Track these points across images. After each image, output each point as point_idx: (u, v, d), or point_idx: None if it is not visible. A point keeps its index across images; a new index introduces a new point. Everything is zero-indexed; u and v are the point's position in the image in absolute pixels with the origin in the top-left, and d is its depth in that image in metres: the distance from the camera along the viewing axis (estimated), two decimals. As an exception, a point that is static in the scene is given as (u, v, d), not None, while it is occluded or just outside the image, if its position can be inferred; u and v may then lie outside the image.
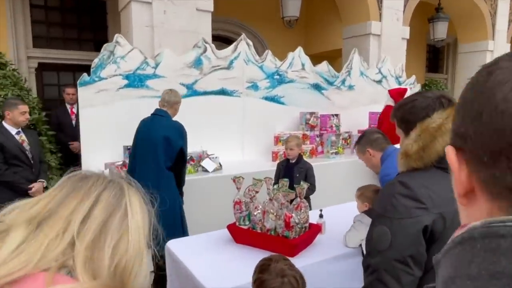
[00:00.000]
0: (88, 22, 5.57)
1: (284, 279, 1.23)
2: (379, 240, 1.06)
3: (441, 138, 1.06)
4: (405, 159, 1.12)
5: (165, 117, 2.89)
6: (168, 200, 2.72)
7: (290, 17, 5.29)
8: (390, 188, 1.11)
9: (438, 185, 1.04)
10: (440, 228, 1.01)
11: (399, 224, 1.03)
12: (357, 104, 5.47)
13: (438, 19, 6.82)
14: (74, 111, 4.51)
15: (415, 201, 1.03)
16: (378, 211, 1.13)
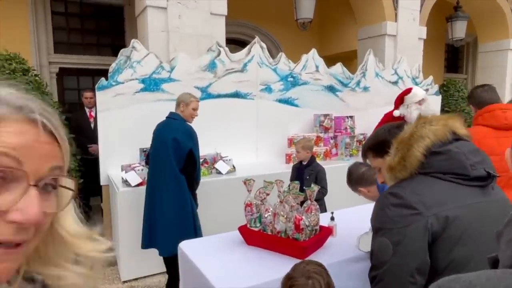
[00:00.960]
0: (106, 28, 5.73)
1: (308, 281, 1.27)
2: (380, 251, 1.09)
3: (416, 145, 1.10)
4: (390, 172, 1.17)
5: (177, 120, 2.93)
6: (180, 202, 2.78)
7: (304, 19, 5.29)
8: (383, 201, 1.14)
9: (427, 189, 1.07)
10: (438, 228, 1.03)
11: (398, 234, 1.05)
12: (372, 105, 5.41)
13: (457, 18, 6.67)
14: (92, 115, 4.64)
15: (408, 209, 1.05)
16: (376, 224, 1.16)
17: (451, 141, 1.11)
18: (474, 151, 1.10)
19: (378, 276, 1.09)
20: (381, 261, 1.08)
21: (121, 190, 3.07)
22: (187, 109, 2.96)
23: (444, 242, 1.03)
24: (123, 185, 3.18)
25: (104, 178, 3.77)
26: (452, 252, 1.03)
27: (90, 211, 4.30)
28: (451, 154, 1.08)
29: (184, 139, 2.78)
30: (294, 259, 1.91)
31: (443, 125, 1.11)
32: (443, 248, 1.03)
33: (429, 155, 1.09)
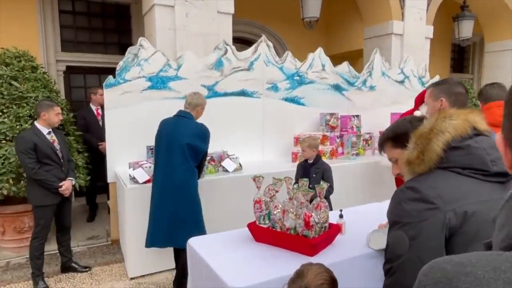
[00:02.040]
0: (113, 26, 5.75)
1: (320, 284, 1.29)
2: (396, 245, 1.09)
3: (435, 139, 1.09)
4: (409, 166, 1.16)
5: (189, 119, 2.94)
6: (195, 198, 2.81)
7: (310, 18, 5.28)
8: (400, 195, 1.13)
9: (445, 184, 1.06)
10: (455, 223, 1.02)
11: (415, 228, 1.05)
12: (378, 104, 5.39)
13: (464, 18, 6.64)
14: (99, 112, 4.66)
15: (425, 203, 1.04)
16: (392, 218, 1.15)
17: (471, 136, 1.09)
18: (494, 147, 1.08)
19: (393, 268, 1.09)
20: (396, 254, 1.08)
21: (129, 187, 3.08)
22: (201, 112, 3.06)
23: (461, 238, 1.02)
24: (130, 182, 3.19)
25: (111, 176, 3.78)
26: (469, 248, 1.02)
27: (96, 209, 4.36)
28: (471, 149, 1.07)
29: (199, 144, 2.86)
30: (303, 256, 1.92)
31: (463, 120, 1.10)
32: (459, 244, 1.02)
33: (448, 150, 1.08)
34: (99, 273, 3.26)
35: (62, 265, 3.27)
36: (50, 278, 3.17)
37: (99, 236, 4.12)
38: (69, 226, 3.23)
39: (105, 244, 3.94)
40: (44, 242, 3.00)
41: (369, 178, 4.45)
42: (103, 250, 3.80)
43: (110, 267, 3.38)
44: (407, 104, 5.62)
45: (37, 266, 2.97)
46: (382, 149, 1.35)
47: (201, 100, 3.07)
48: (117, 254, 3.67)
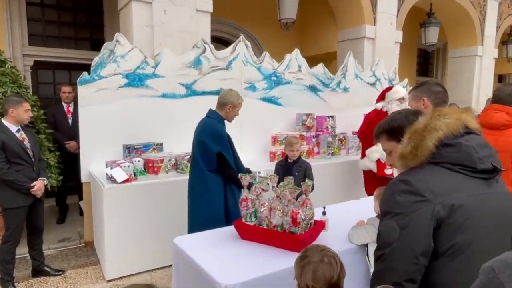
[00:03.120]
0: (84, 21, 5.55)
1: (324, 258, 1.31)
2: (387, 233, 1.16)
3: (429, 136, 1.16)
4: (402, 160, 1.23)
5: (210, 118, 2.89)
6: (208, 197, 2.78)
7: (287, 19, 5.36)
8: (393, 187, 1.20)
9: (435, 178, 1.13)
10: (443, 215, 1.09)
11: (405, 218, 1.11)
12: (352, 106, 5.56)
13: (430, 24, 6.98)
14: (70, 110, 4.49)
15: (416, 195, 1.11)
16: (384, 208, 1.22)
17: (462, 134, 1.17)
18: (483, 145, 1.17)
19: (384, 255, 1.16)
20: (387, 242, 1.15)
21: (107, 187, 3.00)
22: (233, 111, 2.89)
23: (447, 228, 1.10)
24: (108, 181, 3.10)
25: (85, 175, 3.66)
26: (454, 238, 1.11)
27: (67, 211, 4.19)
28: (462, 147, 1.14)
29: (211, 143, 2.76)
30: (290, 252, 1.96)
31: (456, 118, 1.17)
32: (445, 234, 1.10)
33: (440, 146, 1.16)
34: (74, 276, 3.14)
35: (34, 269, 3.11)
36: (21, 283, 3.02)
37: (71, 238, 3.96)
38: (42, 229, 3.09)
39: (78, 246, 3.80)
40: (16, 245, 2.85)
41: (344, 177, 4.58)
42: (76, 252, 3.66)
43: (85, 270, 3.27)
44: (379, 106, 5.84)
45: (7, 271, 2.81)
46: (377, 140, 1.40)
47: (229, 97, 2.87)
48: (92, 256, 3.55)
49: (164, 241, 3.25)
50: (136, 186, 3.16)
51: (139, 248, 3.18)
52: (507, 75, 11.93)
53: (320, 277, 1.25)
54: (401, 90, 4.04)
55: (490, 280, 0.58)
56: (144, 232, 3.20)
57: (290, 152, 3.38)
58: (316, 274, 1.26)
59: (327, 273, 1.26)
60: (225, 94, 2.90)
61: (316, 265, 1.28)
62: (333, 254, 1.34)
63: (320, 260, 1.30)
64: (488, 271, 0.59)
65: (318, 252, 1.33)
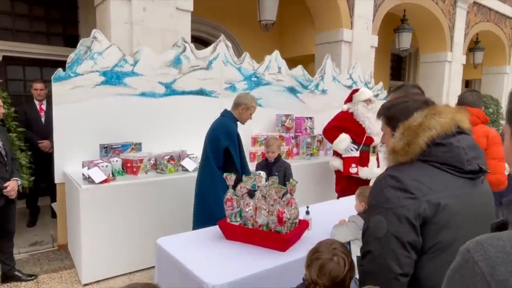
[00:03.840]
0: (57, 16, 5.34)
1: (334, 257, 1.33)
2: (376, 228, 1.17)
3: (423, 134, 1.18)
4: (393, 155, 1.25)
5: (226, 117, 2.93)
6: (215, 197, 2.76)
7: (267, 21, 5.38)
8: (382, 182, 1.22)
9: (424, 176, 1.16)
10: (429, 213, 1.13)
11: (393, 213, 1.14)
12: (329, 108, 5.64)
13: (403, 30, 7.22)
14: (43, 108, 4.32)
15: (405, 192, 1.14)
16: (372, 202, 1.24)
17: (454, 134, 1.20)
18: (472, 147, 1.21)
19: (372, 250, 1.18)
20: (375, 236, 1.17)
21: (83, 187, 2.90)
22: (246, 113, 2.94)
23: (433, 226, 1.14)
24: (85, 182, 3.00)
25: (59, 176, 3.52)
26: (439, 235, 1.14)
27: (38, 213, 4.03)
28: (452, 147, 1.18)
29: (223, 138, 2.80)
30: (276, 252, 1.97)
31: (450, 118, 1.20)
32: (431, 231, 1.14)
33: (432, 145, 1.18)
34: (47, 281, 3.01)
35: (4, 274, 2.96)
36: (-11, 289, 2.87)
37: (43, 242, 3.80)
38: (13, 231, 2.94)
39: (51, 250, 3.65)
40: (-15, 249, 2.71)
41: (323, 177, 4.65)
42: (49, 256, 3.51)
43: (59, 274, 3.14)
44: (355, 108, 5.98)
45: (-26, 277, 2.67)
46: (378, 118, 1.42)
47: (243, 99, 2.94)
48: (66, 260, 3.42)
49: (143, 242, 3.19)
50: (114, 186, 3.07)
51: (117, 250, 3.10)
52: (473, 81, 12.53)
53: (325, 274, 1.29)
54: (367, 92, 4.19)
55: (466, 260, 0.61)
56: (123, 233, 3.12)
57: (267, 152, 3.41)
58: (322, 270, 1.29)
59: (333, 272, 1.29)
60: (240, 96, 2.99)
61: (324, 261, 1.31)
62: (344, 254, 1.36)
63: (330, 258, 1.32)
64: (464, 252, 0.63)
65: (330, 249, 1.36)
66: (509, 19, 9.99)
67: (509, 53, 10.24)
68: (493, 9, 9.31)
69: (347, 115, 4.23)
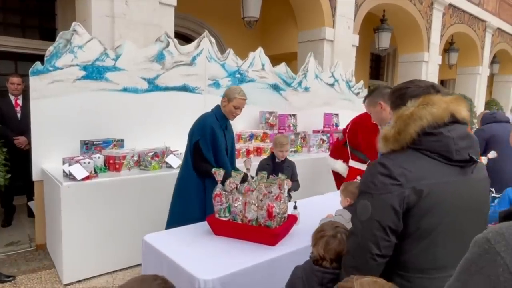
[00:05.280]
0: (33, 8, 5.15)
1: (337, 234, 1.49)
2: (361, 212, 1.23)
3: (413, 124, 1.22)
4: (384, 142, 1.29)
5: (209, 112, 2.83)
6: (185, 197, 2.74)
7: (251, 18, 5.38)
8: (372, 169, 1.27)
9: (412, 164, 1.21)
10: (413, 200, 1.18)
11: (378, 198, 1.19)
12: (312, 105, 5.71)
13: (383, 30, 7.37)
14: (19, 103, 4.16)
15: (391, 179, 1.19)
16: (361, 188, 1.29)
17: (446, 123, 1.23)
18: (463, 136, 1.24)
19: (356, 233, 1.25)
20: (360, 220, 1.23)
21: (65, 184, 2.80)
22: (228, 105, 2.75)
23: (416, 212, 1.19)
24: (66, 179, 2.91)
25: (37, 173, 3.40)
26: (421, 221, 1.20)
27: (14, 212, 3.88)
28: (442, 137, 1.21)
29: (195, 131, 2.69)
30: (265, 246, 1.97)
31: (444, 108, 1.23)
32: (414, 217, 1.19)
33: (422, 134, 1.22)
34: (26, 282, 2.90)
35: (-21, 275, 2.84)
36: (-37, 291, 2.74)
37: (20, 242, 3.66)
38: (-11, 231, 2.82)
39: (29, 250, 3.52)
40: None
41: (307, 174, 4.68)
42: (26, 256, 3.39)
43: (38, 275, 3.03)
44: (337, 106, 6.07)
45: None
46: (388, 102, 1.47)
47: (226, 91, 2.81)
48: (45, 260, 3.31)
49: (127, 240, 3.13)
50: (96, 183, 2.99)
51: (100, 249, 3.02)
52: (448, 81, 12.95)
53: (330, 249, 1.46)
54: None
55: (486, 250, 0.60)
56: (105, 231, 3.04)
57: (279, 152, 3.30)
58: (328, 246, 1.47)
59: (337, 247, 1.45)
60: (228, 89, 2.87)
61: (329, 238, 1.49)
62: (345, 231, 1.51)
63: (333, 235, 1.49)
64: (482, 242, 0.61)
65: (332, 228, 1.53)
66: (482, 22, 10.38)
67: (482, 54, 10.65)
68: (467, 11, 9.65)
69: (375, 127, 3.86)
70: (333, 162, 4.05)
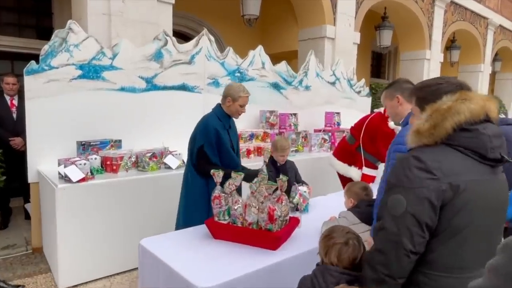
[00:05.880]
0: (30, 7, 5.07)
1: (349, 241, 1.41)
2: (394, 206, 1.17)
3: (451, 118, 1.18)
4: (416, 136, 1.23)
5: (211, 112, 2.73)
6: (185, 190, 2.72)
7: (250, 16, 5.30)
8: (404, 162, 1.21)
9: (447, 159, 1.16)
10: (449, 196, 1.13)
11: (413, 192, 1.14)
12: (313, 104, 5.64)
13: (384, 27, 7.28)
14: (14, 103, 4.09)
15: (427, 173, 1.14)
16: (392, 181, 1.23)
17: (482, 121, 1.19)
18: (497, 135, 1.21)
19: (387, 227, 1.17)
20: (392, 215, 1.17)
21: (60, 186, 2.73)
22: (234, 105, 2.65)
23: (450, 208, 1.14)
24: (61, 181, 2.83)
25: (32, 175, 3.32)
26: (454, 218, 1.15)
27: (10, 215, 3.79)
28: (478, 134, 1.17)
29: (198, 135, 2.61)
30: (266, 251, 1.90)
31: (481, 106, 1.19)
32: (447, 213, 1.14)
33: (458, 130, 1.18)
34: (21, 287, 2.83)
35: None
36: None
37: (16, 245, 3.59)
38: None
39: (25, 253, 3.45)
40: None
41: (308, 174, 4.58)
42: (22, 260, 3.31)
43: (34, 279, 2.96)
44: (338, 104, 6.00)
45: None
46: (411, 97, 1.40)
47: (228, 90, 2.67)
48: (41, 264, 3.24)
49: (124, 244, 3.05)
50: (93, 185, 2.92)
51: (96, 253, 2.95)
52: (449, 79, 12.83)
53: (344, 258, 1.39)
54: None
55: None
56: (102, 235, 2.97)
57: (280, 156, 3.12)
58: (341, 256, 1.39)
59: (351, 255, 1.39)
60: (226, 87, 2.74)
61: (342, 246, 1.40)
62: (357, 237, 1.44)
63: (345, 242, 1.40)
64: None
65: (343, 234, 1.44)
66: (484, 19, 10.28)
67: (484, 52, 10.55)
68: (469, 8, 9.56)
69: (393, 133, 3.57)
70: (347, 169, 3.90)
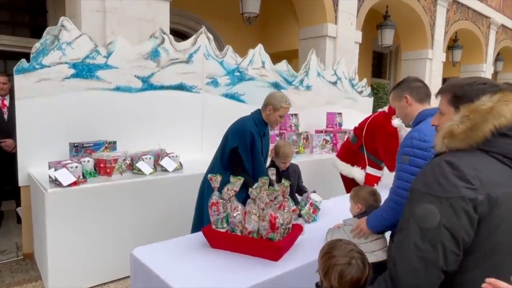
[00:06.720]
0: (23, 5, 4.94)
1: (352, 261, 1.24)
2: (425, 218, 1.03)
3: (492, 120, 1.04)
4: (449, 139, 1.10)
5: (249, 116, 2.69)
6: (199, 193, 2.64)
7: (250, 14, 5.17)
8: (436, 168, 1.07)
9: (485, 167, 1.03)
10: (485, 209, 0.99)
11: (447, 203, 1.00)
12: (314, 104, 5.51)
13: (386, 26, 7.17)
14: (6, 104, 3.95)
15: (463, 181, 1.00)
16: (421, 189, 1.08)
17: None
18: None
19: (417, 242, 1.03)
20: (423, 227, 1.03)
21: (50, 191, 2.59)
22: (274, 114, 2.60)
23: (487, 223, 1.00)
24: (51, 185, 2.70)
25: (23, 178, 3.19)
26: (493, 234, 1.01)
27: (2, 219, 3.66)
28: None
29: (233, 136, 2.58)
30: (267, 262, 1.77)
31: None
32: (485, 229, 1.00)
33: (497, 134, 1.05)
34: (9, 296, 2.70)
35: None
36: None
37: (7, 251, 3.46)
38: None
39: (15, 259, 3.31)
40: None
41: (310, 176, 4.46)
42: (12, 267, 3.18)
43: (23, 287, 2.83)
44: (340, 104, 5.87)
45: None
46: (439, 94, 1.24)
47: (270, 98, 2.61)
48: (31, 271, 3.10)
49: (118, 250, 2.91)
50: (85, 189, 2.78)
51: (89, 259, 2.82)
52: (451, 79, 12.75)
53: (346, 280, 1.22)
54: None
55: None
56: (95, 241, 2.83)
57: (283, 163, 2.98)
58: (343, 277, 1.22)
59: (355, 276, 1.22)
60: (268, 95, 2.68)
61: (344, 267, 1.23)
62: (361, 256, 1.27)
63: (348, 263, 1.24)
64: None
65: (345, 253, 1.26)
66: (486, 18, 10.17)
67: (486, 52, 10.44)
68: (471, 7, 9.45)
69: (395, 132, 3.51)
70: (349, 169, 3.78)
